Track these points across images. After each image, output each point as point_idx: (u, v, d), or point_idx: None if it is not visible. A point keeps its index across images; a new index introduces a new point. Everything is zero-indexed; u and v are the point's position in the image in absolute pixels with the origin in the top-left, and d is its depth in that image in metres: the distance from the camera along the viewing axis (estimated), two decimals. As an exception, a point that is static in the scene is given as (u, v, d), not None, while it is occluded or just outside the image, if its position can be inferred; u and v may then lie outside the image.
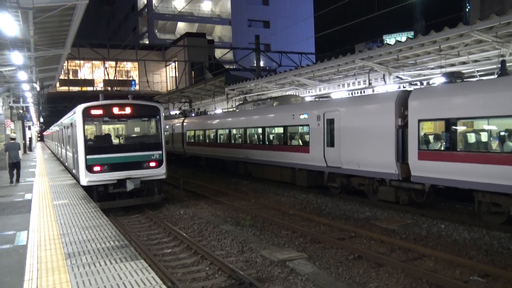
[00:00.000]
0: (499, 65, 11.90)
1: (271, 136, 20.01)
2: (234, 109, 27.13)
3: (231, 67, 46.92)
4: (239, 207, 14.55)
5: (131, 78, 51.88)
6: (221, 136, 24.94)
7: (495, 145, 10.53)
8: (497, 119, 10.43)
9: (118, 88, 44.22)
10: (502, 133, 10.44)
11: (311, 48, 61.12)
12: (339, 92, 20.65)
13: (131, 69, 52.80)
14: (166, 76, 54.46)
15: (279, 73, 25.26)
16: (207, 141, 26.71)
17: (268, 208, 14.57)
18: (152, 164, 14.48)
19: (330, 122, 15.54)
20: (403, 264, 8.16)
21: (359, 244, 9.88)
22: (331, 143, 15.44)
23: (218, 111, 29.00)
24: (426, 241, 9.90)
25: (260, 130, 20.74)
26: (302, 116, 17.19)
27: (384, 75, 19.25)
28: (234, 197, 16.86)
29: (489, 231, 10.25)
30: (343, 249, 9.49)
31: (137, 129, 16.04)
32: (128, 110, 14.60)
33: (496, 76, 11.80)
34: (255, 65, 35.15)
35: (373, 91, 16.41)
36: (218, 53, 56.11)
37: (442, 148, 11.52)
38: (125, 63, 50.31)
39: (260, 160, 20.36)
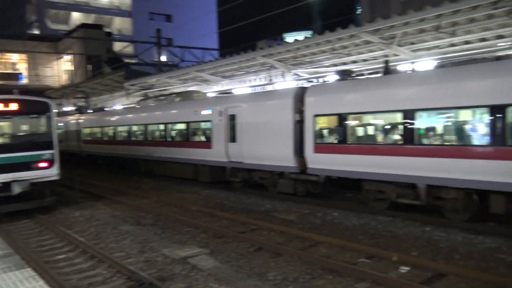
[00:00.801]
0: (384, 65, 13.01)
1: (173, 133, 19.69)
2: (135, 105, 26.18)
3: (132, 61, 45.14)
4: (140, 206, 14.12)
5: (18, 71, 47.36)
6: (121, 133, 23.95)
7: (379, 137, 11.53)
8: (381, 114, 11.43)
9: (2, 82, 40.10)
10: (386, 127, 11.47)
11: (214, 44, 61.17)
12: (241, 88, 20.98)
13: (18, 61, 48.19)
14: (60, 70, 50.68)
15: (181, 69, 24.88)
16: (106, 138, 25.46)
17: (170, 206, 14.34)
18: (43, 164, 13.40)
19: (232, 117, 15.73)
20: (300, 252, 8.58)
21: (259, 236, 10.17)
22: (233, 139, 15.65)
23: (118, 107, 27.76)
24: (321, 229, 10.52)
25: (162, 127, 20.30)
26: (204, 112, 17.17)
27: (283, 72, 19.97)
28: (135, 196, 16.31)
29: (375, 216, 11.26)
30: (245, 242, 9.69)
31: (24, 127, 14.68)
32: (13, 106, 13.32)
33: (381, 74, 12.89)
34: (156, 59, 34.23)
35: (273, 87, 16.97)
36: (118, 46, 53.58)
37: (335, 142, 12.31)
38: (10, 54, 45.77)
39: (162, 157, 19.94)
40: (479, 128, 9.72)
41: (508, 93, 8.77)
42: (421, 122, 10.52)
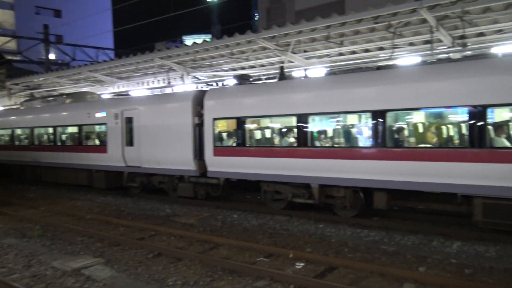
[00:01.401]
0: (280, 70, 13.59)
1: (64, 136, 18.38)
2: (19, 106, 23.90)
3: (15, 58, 41.11)
4: (26, 217, 12.92)
5: None
6: (1, 138, 21.70)
7: (276, 140, 12.02)
8: (278, 118, 11.92)
9: None
10: (282, 130, 11.98)
11: (109, 43, 58.32)
12: (138, 90, 20.34)
13: None
14: None
15: (72, 68, 23.34)
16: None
17: (61, 215, 13.35)
18: None
19: (129, 120, 15.18)
20: (200, 255, 8.57)
21: (159, 241, 9.94)
22: (130, 142, 15.10)
23: (-2, 108, 25.12)
24: (221, 231, 10.62)
25: (51, 130, 18.82)
26: (99, 115, 16.31)
27: (182, 75, 19.79)
28: (19, 206, 14.89)
29: (273, 216, 11.69)
30: (143, 248, 9.40)
31: None
32: None
33: (277, 80, 13.43)
34: (44, 57, 31.62)
35: (172, 90, 16.72)
36: (-2, 41, 48.42)
37: (234, 145, 12.53)
38: None
39: (52, 162, 18.48)
40: (364, 131, 10.64)
41: (387, 100, 9.72)
42: (314, 125, 11.19)
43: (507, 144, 8.61)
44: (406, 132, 10.13)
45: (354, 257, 8.25)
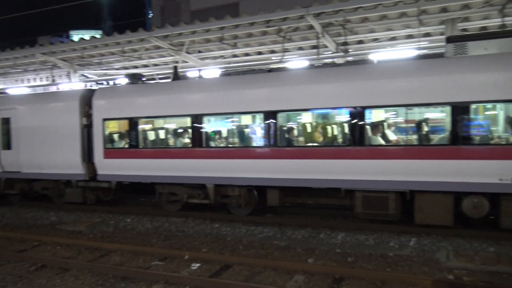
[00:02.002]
0: (173, 70, 13.40)
1: None
2: None
3: None
4: None
5: None
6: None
7: (171, 141, 11.85)
8: (172, 118, 11.76)
9: None
10: (177, 131, 11.85)
11: (-19, 35, 52.23)
12: (17, 88, 18.54)
13: None
14: None
15: None
16: None
17: None
18: None
19: (6, 121, 13.77)
20: (89, 264, 8.09)
21: (43, 252, 9.17)
22: (7, 146, 13.70)
23: None
24: (113, 237, 10.15)
25: None
26: (-32, 115, 14.50)
27: (69, 73, 18.51)
28: None
29: (168, 219, 11.50)
30: (24, 261, 8.59)
31: None
32: None
33: (171, 80, 13.22)
34: None
35: (58, 88, 15.53)
36: None
37: (127, 146, 12.06)
38: None
39: None
40: (257, 131, 10.98)
41: (278, 101, 10.15)
42: (209, 126, 11.24)
43: (382, 142, 9.57)
44: (295, 132, 10.69)
45: (248, 254, 8.47)
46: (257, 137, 10.89)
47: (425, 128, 9.59)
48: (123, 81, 13.64)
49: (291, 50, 15.50)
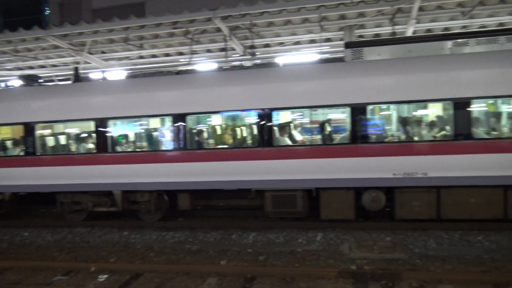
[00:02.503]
0: (74, 72, 12.62)
1: None
2: None
3: None
4: None
5: None
6: None
7: (73, 147, 11.16)
8: (74, 123, 11.07)
9: None
10: (80, 136, 11.19)
11: None
12: None
13: None
14: None
15: None
16: None
17: None
18: None
19: None
20: (-21, 285, 7.31)
21: None
22: None
23: None
24: (8, 254, 9.27)
25: None
26: None
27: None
28: None
29: (72, 230, 10.78)
30: None
31: None
32: None
33: (71, 82, 12.44)
34: None
35: None
36: None
37: (22, 154, 11.10)
38: None
39: None
40: (166, 134, 10.77)
41: (187, 104, 10.04)
42: (115, 130, 10.78)
43: (289, 142, 9.95)
44: (205, 135, 10.67)
45: (159, 261, 8.27)
46: (166, 140, 10.69)
47: (328, 128, 10.16)
48: (17, 83, 12.53)
49: (199, 52, 15.47)
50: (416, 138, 9.43)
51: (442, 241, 8.41)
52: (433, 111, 9.87)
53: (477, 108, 9.09)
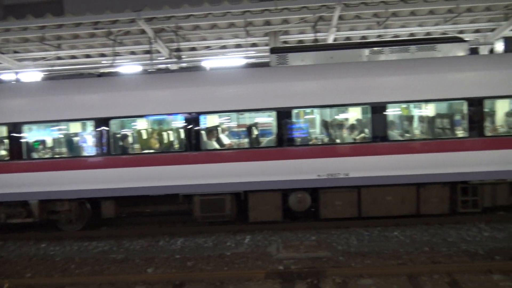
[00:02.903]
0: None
1: None
2: None
3: None
4: None
5: None
6: None
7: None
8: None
9: None
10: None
11: None
12: None
13: None
14: None
15: None
16: None
17: None
18: None
19: None
20: None
21: None
22: None
23: None
24: None
25: None
26: None
27: None
28: None
29: (-19, 244, 9.89)
30: None
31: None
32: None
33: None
34: None
35: None
36: None
37: None
38: None
39: None
40: (88, 139, 10.27)
41: (110, 107, 9.66)
42: (30, 135, 10.08)
43: (217, 146, 9.95)
44: (130, 139, 10.33)
45: (81, 272, 7.85)
46: (88, 145, 10.19)
47: (255, 132, 10.32)
48: None
49: (122, 54, 14.95)
50: (338, 141, 9.89)
51: (363, 237, 8.90)
52: (353, 115, 10.42)
53: (392, 112, 9.75)
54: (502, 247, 7.92)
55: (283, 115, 9.41)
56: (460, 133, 9.48)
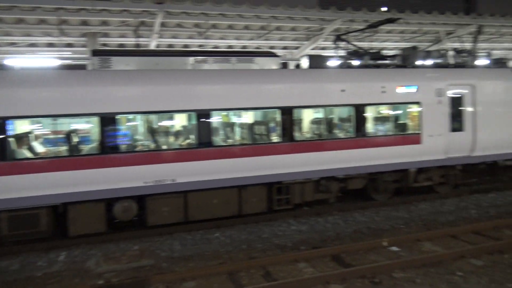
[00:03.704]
0: None
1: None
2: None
3: None
4: None
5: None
6: None
7: None
8: None
9: None
10: None
11: None
12: None
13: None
14: None
15: None
16: None
17: None
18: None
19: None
20: None
21: None
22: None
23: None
24: None
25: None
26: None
27: None
28: None
29: None
30: None
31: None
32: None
33: None
34: None
35: None
36: None
37: None
38: None
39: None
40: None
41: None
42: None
43: (29, 155, 8.88)
44: None
45: None
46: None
47: (75, 139, 9.56)
48: None
49: None
50: (164, 147, 9.84)
51: (186, 242, 9.02)
52: (179, 121, 10.52)
53: (216, 119, 10.14)
54: (306, 238, 8.97)
55: (106, 120, 8.95)
56: (274, 138, 10.40)
